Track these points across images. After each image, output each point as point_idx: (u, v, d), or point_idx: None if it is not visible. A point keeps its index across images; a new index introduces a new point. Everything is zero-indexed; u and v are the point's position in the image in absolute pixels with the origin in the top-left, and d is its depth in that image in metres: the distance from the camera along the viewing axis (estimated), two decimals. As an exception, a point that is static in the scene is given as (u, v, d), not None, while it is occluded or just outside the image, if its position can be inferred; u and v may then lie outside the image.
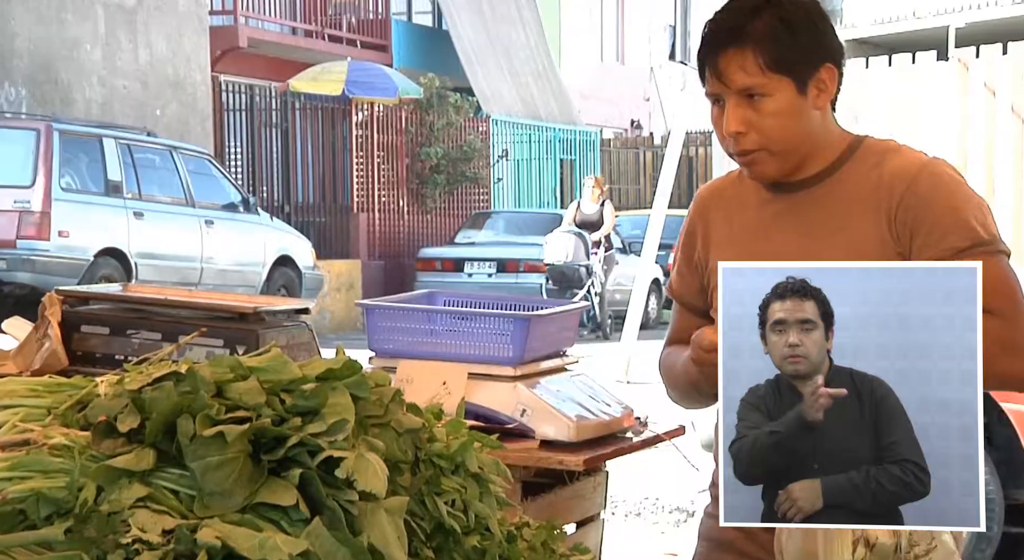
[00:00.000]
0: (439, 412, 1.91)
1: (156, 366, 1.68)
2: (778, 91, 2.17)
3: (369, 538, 1.50)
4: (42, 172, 12.29)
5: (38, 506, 1.45)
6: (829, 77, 2.21)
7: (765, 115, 2.17)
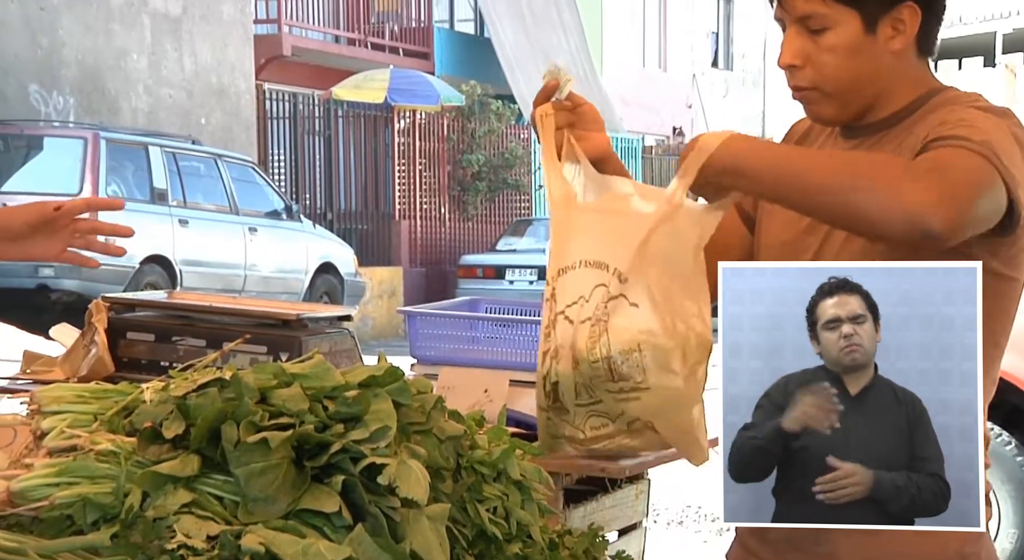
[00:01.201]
0: (480, 419, 1.91)
1: (201, 372, 1.69)
2: (841, 24, 1.95)
3: (411, 545, 1.50)
4: (89, 180, 12.43)
5: (85, 512, 1.46)
6: (910, 17, 1.97)
7: (823, 49, 1.96)
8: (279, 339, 2.78)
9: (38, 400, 1.75)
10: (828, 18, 1.95)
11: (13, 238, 2.33)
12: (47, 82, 14.87)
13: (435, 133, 20.79)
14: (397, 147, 20.13)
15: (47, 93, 14.86)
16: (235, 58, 17.52)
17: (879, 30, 1.96)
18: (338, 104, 19.68)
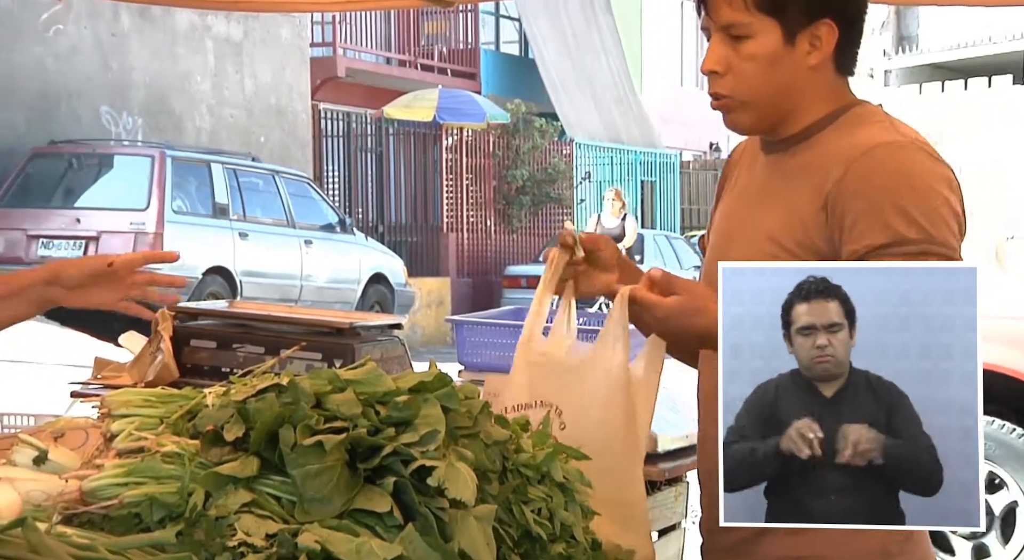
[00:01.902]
0: (525, 424, 1.91)
1: (259, 378, 1.70)
2: (762, 34, 1.93)
3: (460, 544, 1.50)
4: (156, 196, 12.53)
5: (152, 510, 1.47)
6: (827, 34, 1.94)
7: (744, 58, 1.94)
8: (333, 346, 2.78)
9: (108, 404, 1.77)
10: (750, 27, 1.93)
11: (72, 287, 2.38)
12: (117, 103, 15.04)
13: (481, 149, 20.82)
14: (445, 163, 20.18)
15: (117, 114, 15.02)
16: (292, 79, 17.63)
17: (797, 43, 1.94)
18: (389, 122, 19.76)
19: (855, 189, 1.88)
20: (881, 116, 1.99)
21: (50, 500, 1.51)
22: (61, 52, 14.33)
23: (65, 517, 1.49)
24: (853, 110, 2.00)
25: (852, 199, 1.88)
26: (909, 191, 1.87)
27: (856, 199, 1.88)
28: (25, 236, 12.53)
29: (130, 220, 12.44)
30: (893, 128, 1.95)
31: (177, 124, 15.75)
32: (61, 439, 1.78)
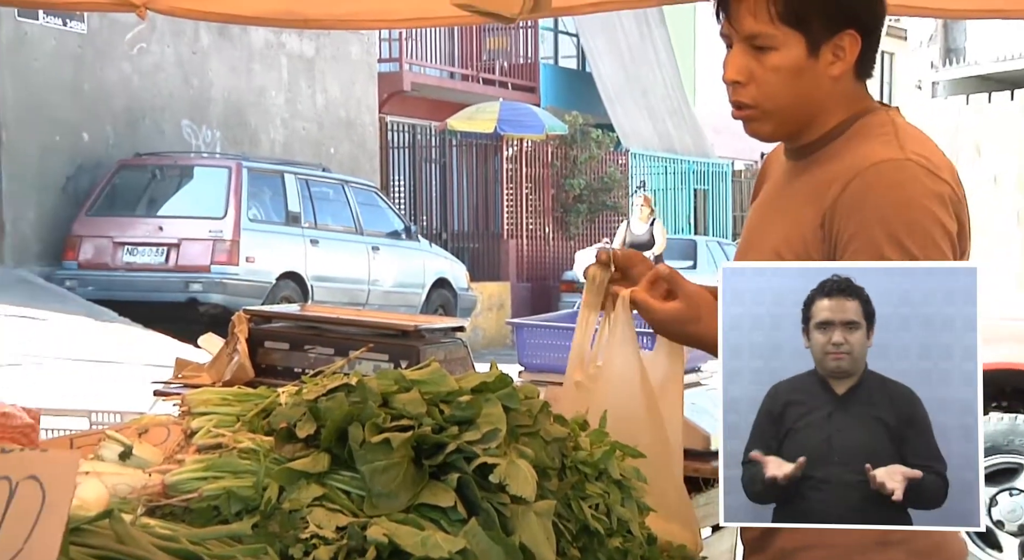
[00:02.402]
0: (583, 423, 1.90)
1: (330, 378, 1.71)
2: (786, 46, 1.88)
3: (521, 538, 1.50)
4: (233, 205, 12.65)
5: (229, 503, 1.49)
6: (850, 45, 1.90)
7: (768, 69, 1.89)
8: (399, 348, 2.79)
9: (188, 403, 1.79)
10: (775, 39, 1.89)
11: None
12: (197, 117, 15.22)
13: (540, 159, 20.82)
14: (505, 172, 20.20)
15: (197, 127, 15.21)
16: (361, 94, 17.75)
17: (821, 55, 1.90)
18: (452, 134, 19.82)
19: (849, 208, 1.85)
20: (887, 128, 1.93)
21: (135, 493, 1.53)
22: (145, 69, 14.53)
23: (149, 509, 1.50)
24: (863, 119, 1.95)
25: (846, 219, 1.85)
26: (899, 214, 1.82)
27: (849, 219, 1.84)
28: (112, 243, 12.71)
29: (208, 228, 12.57)
30: (895, 142, 1.89)
31: (253, 137, 15.92)
32: (145, 435, 1.80)
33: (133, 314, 12.05)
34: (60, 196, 13.42)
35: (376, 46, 18.64)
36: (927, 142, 1.94)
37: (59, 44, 13.56)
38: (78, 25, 13.72)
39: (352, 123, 17.57)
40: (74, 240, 12.85)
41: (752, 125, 1.97)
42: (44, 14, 13.12)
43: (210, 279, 12.40)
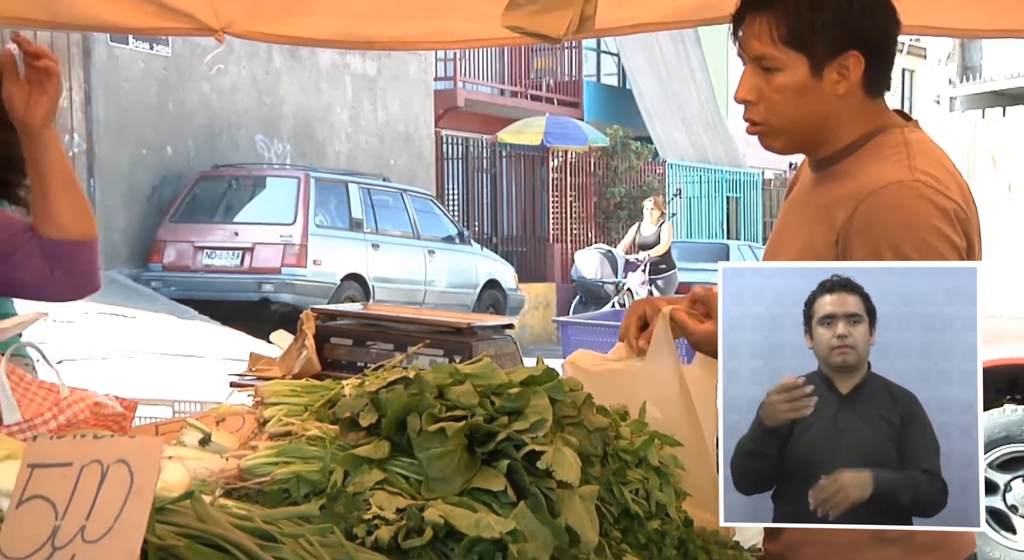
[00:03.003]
0: (624, 414, 1.89)
1: (390, 372, 1.71)
2: (790, 67, 1.85)
3: (566, 520, 1.49)
4: (301, 212, 12.73)
5: (298, 486, 1.50)
6: (855, 65, 1.85)
7: (774, 88, 1.86)
8: (453, 344, 2.78)
9: (261, 394, 1.80)
10: (779, 60, 1.86)
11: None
12: (269, 132, 15.34)
13: (583, 170, 20.78)
14: (551, 182, 20.18)
15: (269, 141, 15.32)
16: (418, 110, 17.80)
17: (825, 75, 1.86)
18: (502, 146, 19.83)
19: (860, 229, 1.81)
20: (899, 148, 1.87)
21: (213, 476, 1.54)
22: (223, 89, 14.67)
23: (226, 491, 1.51)
24: (877, 138, 1.90)
25: (857, 239, 1.81)
26: (909, 236, 1.78)
27: (860, 240, 1.81)
28: (192, 247, 12.83)
29: (279, 233, 12.65)
30: (905, 162, 1.84)
31: (320, 149, 16.02)
32: (222, 423, 1.81)
33: (211, 312, 12.16)
34: (146, 205, 13.58)
35: (432, 65, 18.68)
36: (939, 160, 1.89)
37: (146, 66, 13.72)
38: (163, 49, 13.88)
39: (410, 137, 17.63)
40: (159, 245, 12.99)
41: (765, 140, 1.96)
42: (133, 39, 13.27)
43: (281, 280, 12.48)
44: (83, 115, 13.17)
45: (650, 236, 14.42)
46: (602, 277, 14.26)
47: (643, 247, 14.26)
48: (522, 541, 1.41)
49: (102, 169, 13.26)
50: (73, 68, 13.09)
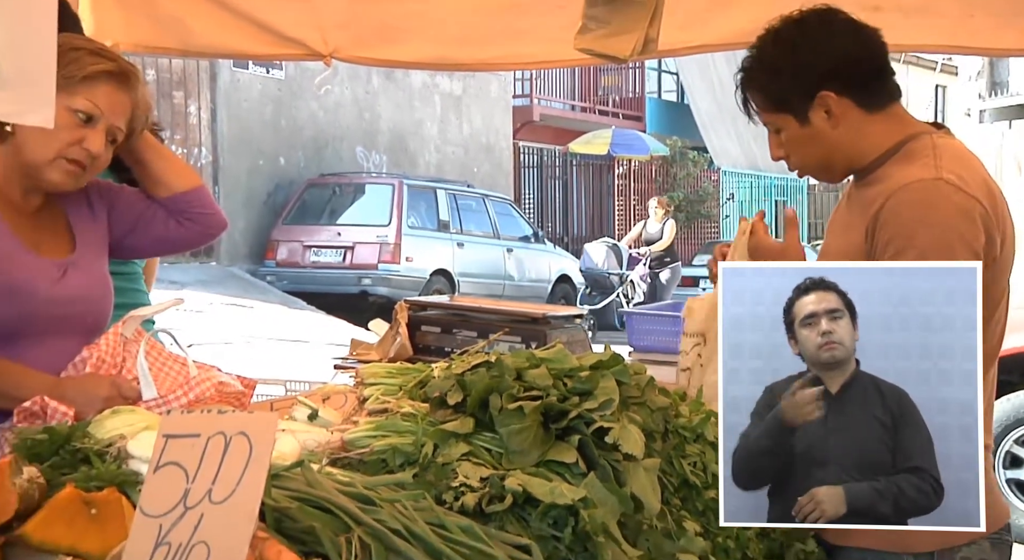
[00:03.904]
0: (683, 394, 1.87)
1: (474, 356, 1.71)
2: (784, 124, 1.87)
3: (631, 489, 1.48)
4: (395, 214, 12.84)
5: (394, 457, 1.51)
6: (834, 100, 1.82)
7: (786, 143, 1.89)
8: (530, 332, 2.78)
9: (361, 375, 1.81)
10: (776, 121, 1.90)
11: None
12: (368, 144, 15.50)
13: (646, 176, 20.65)
14: (617, 187, 20.09)
15: (368, 152, 15.48)
16: (499, 124, 17.83)
17: (812, 120, 1.86)
18: (573, 156, 19.79)
19: (885, 221, 1.77)
20: (927, 151, 1.83)
21: (320, 447, 1.55)
22: (329, 106, 14.85)
23: (331, 460, 1.53)
24: (909, 145, 1.86)
25: (882, 231, 1.78)
26: (927, 230, 1.73)
27: (884, 231, 1.77)
28: (301, 246, 13.02)
29: (376, 233, 12.78)
30: (932, 163, 1.80)
31: (412, 159, 16.13)
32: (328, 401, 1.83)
33: (317, 303, 12.32)
34: (262, 209, 13.81)
35: (511, 84, 18.70)
36: (967, 161, 1.83)
37: (263, 88, 13.95)
38: (277, 72, 14.10)
39: (491, 148, 17.67)
40: (273, 244, 13.20)
41: (814, 178, 1.99)
42: (252, 64, 13.51)
43: (378, 275, 12.60)
44: (209, 131, 13.44)
45: (655, 233, 14.05)
46: (608, 268, 13.71)
47: (648, 242, 13.91)
48: (592, 507, 1.40)
49: (225, 177, 13.52)
50: (201, 90, 13.37)
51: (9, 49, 1.46)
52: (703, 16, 3.19)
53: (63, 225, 1.99)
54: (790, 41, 1.85)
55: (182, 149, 13.16)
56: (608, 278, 13.61)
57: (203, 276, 12.38)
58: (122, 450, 1.44)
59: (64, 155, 1.87)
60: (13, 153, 1.89)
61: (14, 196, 1.92)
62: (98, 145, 1.89)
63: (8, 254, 1.86)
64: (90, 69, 1.87)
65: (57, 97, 1.79)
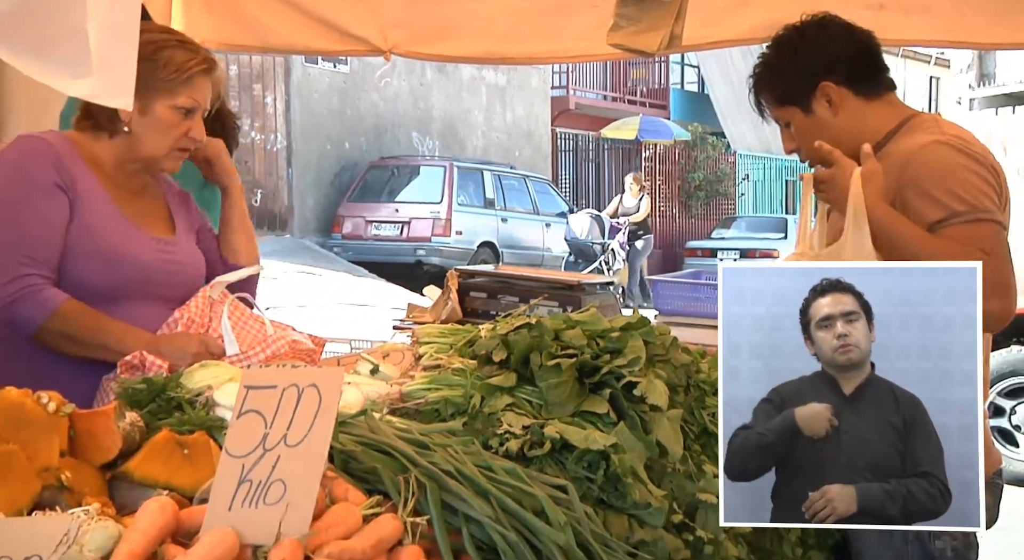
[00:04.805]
0: (703, 352, 1.85)
1: (516, 319, 1.70)
2: (792, 118, 1.92)
3: (657, 436, 1.48)
4: (447, 193, 12.86)
5: (446, 407, 1.51)
6: (834, 90, 1.86)
7: (797, 135, 1.91)
8: (566, 297, 2.76)
9: (417, 335, 1.82)
10: (784, 116, 1.92)
11: None
12: (422, 130, 15.48)
13: (670, 159, 20.43)
14: (644, 169, 19.88)
15: (422, 138, 15.47)
16: (538, 112, 17.72)
17: (815, 109, 1.89)
18: (605, 140, 19.63)
19: (910, 180, 1.78)
20: (931, 123, 1.88)
21: (381, 399, 1.56)
22: (388, 97, 14.84)
23: (390, 410, 1.53)
24: (912, 121, 1.90)
25: (909, 189, 1.78)
26: (950, 175, 1.76)
27: (911, 189, 1.78)
28: (364, 221, 13.09)
29: (430, 210, 12.81)
30: (937, 130, 1.84)
31: (461, 144, 16.09)
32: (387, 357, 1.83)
33: (378, 272, 12.40)
34: (330, 188, 13.88)
35: (549, 77, 18.54)
36: (964, 130, 1.88)
37: (331, 81, 13.97)
38: (343, 67, 14.11)
39: (531, 134, 17.57)
40: (339, 219, 13.28)
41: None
42: (321, 60, 13.54)
43: (431, 246, 12.65)
44: (284, 119, 13.51)
45: (631, 207, 13.71)
46: (591, 238, 13.27)
47: (624, 215, 13.57)
48: (621, 452, 1.40)
49: (297, 161, 13.60)
50: (277, 83, 13.41)
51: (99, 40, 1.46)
52: (722, 14, 3.16)
53: (164, 211, 2.03)
54: (792, 44, 1.90)
55: (260, 135, 13.25)
56: (591, 247, 13.29)
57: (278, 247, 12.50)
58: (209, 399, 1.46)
59: (176, 147, 1.92)
60: (128, 147, 1.92)
61: (120, 180, 1.95)
62: (201, 132, 1.93)
63: (116, 229, 1.89)
64: (188, 71, 1.89)
65: (162, 99, 1.85)
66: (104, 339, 1.81)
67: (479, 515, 1.22)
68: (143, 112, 1.87)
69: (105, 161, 1.93)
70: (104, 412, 1.35)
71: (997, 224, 1.75)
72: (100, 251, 1.86)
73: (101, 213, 1.88)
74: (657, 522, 1.38)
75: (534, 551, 1.22)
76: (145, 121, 1.89)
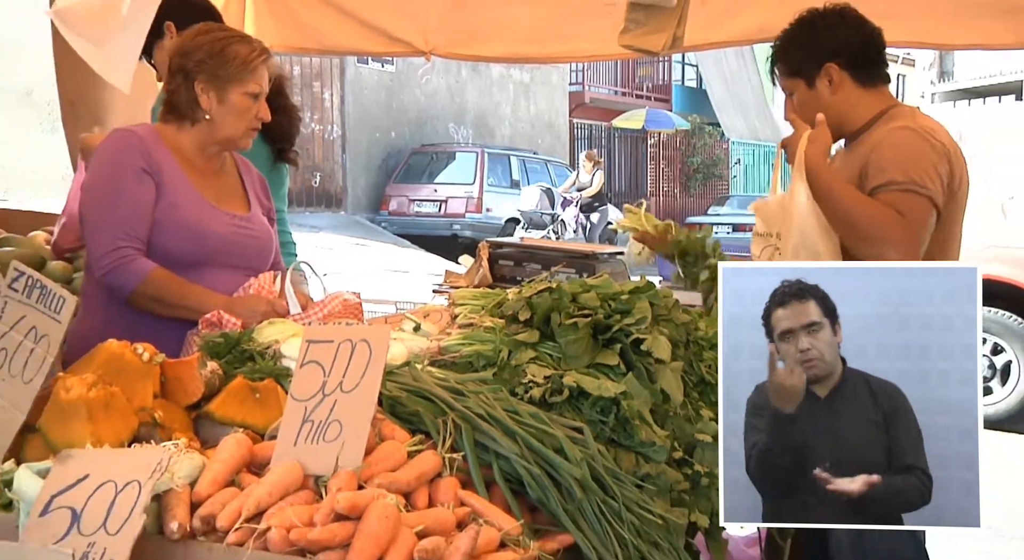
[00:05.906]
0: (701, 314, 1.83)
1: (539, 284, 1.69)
2: (797, 89, 1.92)
3: (661, 385, 1.47)
4: (478, 175, 12.82)
5: (478, 359, 1.51)
6: (836, 72, 1.88)
7: (797, 105, 1.92)
8: (582, 265, 2.75)
9: (453, 298, 1.81)
10: (790, 86, 1.92)
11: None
12: (457, 121, 15.40)
13: (672, 146, 20.23)
14: (649, 154, 19.73)
15: (457, 127, 15.39)
16: (558, 105, 17.55)
17: (817, 85, 1.88)
18: (616, 130, 19.44)
19: (874, 158, 1.79)
20: (907, 114, 1.87)
21: (422, 352, 1.56)
22: (428, 93, 14.77)
23: (430, 362, 1.53)
24: (891, 112, 1.89)
25: (871, 165, 1.79)
26: (903, 153, 1.76)
27: (872, 164, 1.79)
28: (407, 200, 13.11)
29: (464, 190, 12.80)
30: (911, 120, 1.84)
31: (490, 133, 16.00)
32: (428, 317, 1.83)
33: (419, 243, 12.42)
34: (378, 171, 13.88)
35: (567, 74, 18.34)
36: (936, 123, 1.86)
37: (379, 78, 13.92)
38: (390, 66, 14.05)
39: (552, 124, 17.43)
40: (386, 198, 13.30)
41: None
42: (371, 60, 13.49)
43: (465, 222, 12.65)
44: (339, 112, 13.50)
45: (586, 181, 13.19)
46: (541, 209, 12.62)
47: (580, 189, 13.08)
48: (630, 399, 1.39)
49: (351, 148, 13.61)
50: (333, 81, 13.39)
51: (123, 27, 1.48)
52: (719, 19, 3.16)
53: (240, 190, 2.04)
54: (811, 23, 1.90)
55: (319, 126, 13.25)
56: (541, 217, 12.82)
57: (334, 222, 12.56)
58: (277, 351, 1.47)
59: (249, 127, 1.95)
60: (208, 132, 1.93)
61: (199, 163, 1.95)
62: (266, 113, 1.95)
63: (197, 206, 1.90)
64: (252, 62, 1.91)
65: (235, 87, 1.90)
66: (187, 302, 1.82)
67: (507, 452, 1.23)
68: (221, 101, 1.90)
69: (186, 147, 1.94)
70: (189, 361, 1.37)
71: (927, 199, 1.73)
72: (183, 226, 1.87)
73: (183, 193, 1.90)
74: (660, 458, 1.38)
75: (555, 483, 1.22)
76: (223, 108, 1.91)
